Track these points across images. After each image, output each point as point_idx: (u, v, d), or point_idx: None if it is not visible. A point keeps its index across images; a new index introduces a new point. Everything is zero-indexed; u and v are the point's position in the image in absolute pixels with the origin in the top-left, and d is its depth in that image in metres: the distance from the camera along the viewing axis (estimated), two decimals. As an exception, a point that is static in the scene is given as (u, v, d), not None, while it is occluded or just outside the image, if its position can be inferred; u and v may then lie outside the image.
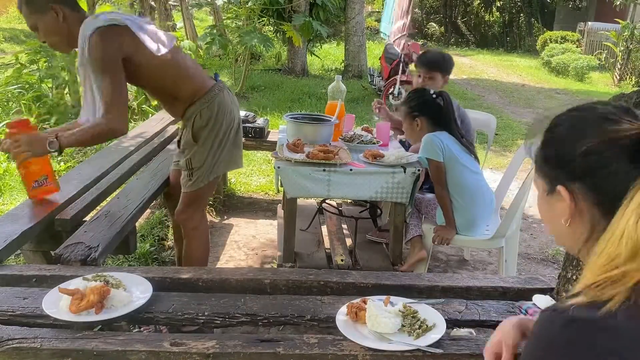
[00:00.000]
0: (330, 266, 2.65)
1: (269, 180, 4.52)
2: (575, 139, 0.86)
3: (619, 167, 0.81)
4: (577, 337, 0.73)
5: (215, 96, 2.25)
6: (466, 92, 9.92)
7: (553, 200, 0.91)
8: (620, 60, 12.16)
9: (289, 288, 1.68)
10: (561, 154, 0.88)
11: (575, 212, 0.88)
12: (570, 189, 0.87)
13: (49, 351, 1.28)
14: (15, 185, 3.86)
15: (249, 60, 8.11)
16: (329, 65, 11.78)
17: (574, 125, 0.89)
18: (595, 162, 0.83)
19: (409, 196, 2.49)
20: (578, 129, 0.87)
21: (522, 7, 19.96)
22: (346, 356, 1.28)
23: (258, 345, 1.30)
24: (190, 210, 2.36)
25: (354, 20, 10.15)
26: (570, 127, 0.89)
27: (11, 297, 1.52)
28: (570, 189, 0.87)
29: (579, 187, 0.86)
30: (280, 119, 6.09)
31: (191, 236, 2.41)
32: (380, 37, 17.50)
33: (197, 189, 2.32)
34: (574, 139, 0.86)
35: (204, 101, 2.23)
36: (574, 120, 0.90)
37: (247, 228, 3.66)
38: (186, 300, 1.54)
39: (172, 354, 1.28)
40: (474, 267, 3.28)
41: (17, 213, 2.09)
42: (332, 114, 2.83)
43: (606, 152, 0.82)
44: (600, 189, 0.84)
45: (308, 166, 2.41)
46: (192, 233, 2.40)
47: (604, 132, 0.83)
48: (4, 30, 13.05)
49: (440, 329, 1.36)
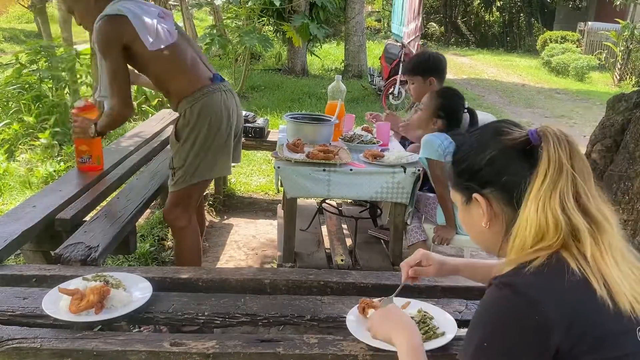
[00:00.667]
0: (330, 266, 2.65)
1: (269, 180, 4.52)
2: (479, 152, 1.04)
3: (517, 167, 0.99)
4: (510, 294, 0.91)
5: (203, 96, 2.24)
6: (466, 92, 9.92)
7: (471, 208, 1.08)
8: (620, 60, 12.16)
9: (289, 288, 1.68)
10: (470, 167, 1.05)
11: (491, 214, 1.04)
12: (484, 194, 1.03)
13: (49, 351, 1.28)
14: (15, 185, 3.86)
15: (249, 60, 8.11)
16: (329, 65, 11.79)
17: (477, 141, 1.06)
18: (499, 167, 1.01)
19: (409, 196, 2.49)
20: (480, 144, 1.05)
21: (522, 7, 19.95)
22: (346, 356, 1.28)
23: (258, 345, 1.30)
24: (177, 210, 2.34)
25: (354, 20, 10.16)
26: (473, 143, 1.07)
27: (11, 297, 1.52)
28: (483, 194, 1.03)
29: (490, 191, 1.03)
30: (280, 119, 6.09)
31: (179, 236, 2.41)
32: (380, 37, 17.51)
33: (181, 189, 2.31)
34: (478, 152, 1.04)
35: (190, 100, 2.24)
36: (475, 138, 1.08)
37: (247, 228, 3.66)
38: (186, 300, 1.54)
39: (172, 354, 1.28)
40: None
41: (17, 213, 2.09)
42: (332, 114, 2.83)
43: (505, 157, 1.01)
44: (507, 189, 1.00)
45: (308, 166, 2.41)
46: (180, 233, 2.39)
47: (500, 142, 1.01)
48: (4, 30, 13.06)
49: (447, 337, 1.33)
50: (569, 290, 0.89)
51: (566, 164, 0.94)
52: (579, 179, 0.95)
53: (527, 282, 0.91)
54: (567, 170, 0.94)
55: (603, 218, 0.95)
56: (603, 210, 0.96)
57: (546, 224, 0.93)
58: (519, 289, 0.91)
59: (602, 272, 0.91)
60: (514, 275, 0.94)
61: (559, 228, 0.93)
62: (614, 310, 0.89)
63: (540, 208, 0.93)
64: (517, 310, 0.90)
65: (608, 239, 0.94)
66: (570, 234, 0.93)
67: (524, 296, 0.90)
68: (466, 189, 1.07)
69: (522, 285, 0.91)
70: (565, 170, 0.94)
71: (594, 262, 0.92)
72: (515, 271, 0.94)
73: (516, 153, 1.00)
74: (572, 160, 0.95)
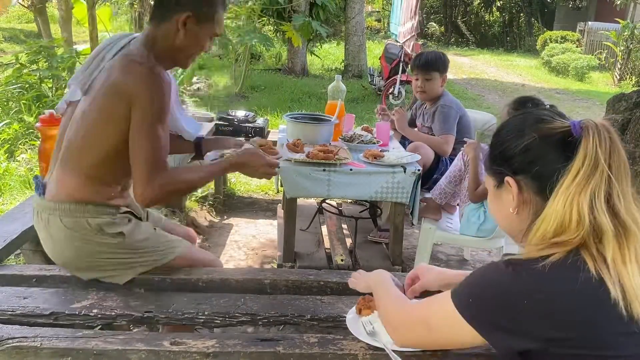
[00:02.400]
0: (330, 266, 2.65)
1: (269, 180, 4.52)
2: (516, 137, 1.02)
3: (553, 158, 0.97)
4: (512, 272, 0.93)
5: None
6: (466, 91, 9.92)
7: (502, 193, 1.07)
8: (620, 60, 12.17)
9: (289, 288, 1.68)
10: (505, 152, 1.03)
11: (520, 201, 1.02)
12: (516, 180, 1.02)
13: (49, 350, 1.28)
14: (15, 185, 3.86)
15: (249, 60, 8.11)
16: (329, 65, 11.78)
17: (516, 126, 1.05)
18: (534, 155, 0.99)
19: (409, 196, 2.49)
20: (519, 130, 1.03)
21: (522, 6, 19.96)
22: (346, 355, 1.28)
23: (258, 345, 1.30)
24: None
25: (354, 20, 10.16)
26: (512, 129, 1.05)
27: (11, 296, 1.52)
28: (515, 180, 1.02)
29: (523, 178, 1.01)
30: (280, 119, 6.09)
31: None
32: (380, 37, 17.52)
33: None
34: (515, 137, 1.02)
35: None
36: (514, 123, 1.06)
37: (247, 228, 3.66)
38: (186, 300, 1.54)
39: (172, 352, 1.28)
40: (474, 267, 3.28)
41: (17, 213, 2.09)
42: (332, 114, 2.83)
43: (542, 146, 0.98)
44: (540, 178, 0.98)
45: (308, 166, 2.41)
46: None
47: (539, 130, 0.99)
48: (4, 30, 13.05)
49: None
50: (578, 288, 0.88)
51: (602, 162, 0.92)
52: (613, 179, 0.92)
53: (533, 271, 0.91)
54: (602, 169, 0.92)
55: (633, 222, 0.93)
56: (635, 214, 0.94)
57: (570, 219, 0.92)
58: (521, 273, 0.92)
59: (620, 277, 0.89)
60: (526, 262, 0.94)
61: (581, 225, 0.91)
62: (626, 315, 0.87)
63: (568, 202, 0.92)
64: (507, 286, 0.93)
65: (635, 245, 0.92)
66: (592, 234, 0.92)
67: (521, 279, 0.92)
68: (499, 172, 1.06)
69: (527, 271, 0.92)
70: (601, 168, 0.92)
71: (614, 266, 0.90)
72: (528, 260, 0.94)
73: (554, 143, 0.97)
74: (610, 158, 0.92)
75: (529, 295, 0.90)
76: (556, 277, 0.90)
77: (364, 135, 2.89)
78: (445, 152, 3.00)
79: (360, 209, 3.32)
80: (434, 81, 3.04)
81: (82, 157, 1.58)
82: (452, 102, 3.08)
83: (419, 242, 2.77)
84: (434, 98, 3.12)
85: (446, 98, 3.09)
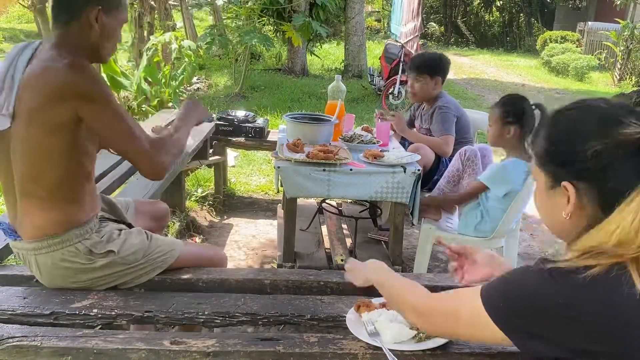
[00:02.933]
0: (330, 266, 2.65)
1: (269, 180, 4.52)
2: (581, 139, 0.89)
3: (626, 170, 0.86)
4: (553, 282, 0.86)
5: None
6: (466, 91, 9.92)
7: (555, 194, 0.96)
8: (620, 60, 12.16)
9: (289, 288, 1.68)
10: (567, 153, 0.92)
11: (576, 207, 0.92)
12: (576, 186, 0.91)
13: (49, 349, 1.28)
14: (15, 185, 3.86)
15: (249, 60, 8.12)
16: (329, 65, 11.78)
17: (579, 124, 0.92)
18: (604, 164, 0.87)
19: (409, 196, 2.49)
20: (584, 129, 0.90)
21: (522, 6, 19.95)
22: (346, 355, 1.29)
23: (258, 344, 1.31)
24: None
25: (354, 20, 10.15)
26: (574, 126, 0.93)
27: (11, 296, 1.52)
28: (575, 186, 0.91)
29: (584, 185, 0.90)
30: (280, 119, 6.09)
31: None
32: (380, 37, 17.52)
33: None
34: (580, 139, 0.90)
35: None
36: (576, 118, 0.94)
37: (247, 228, 3.66)
38: (186, 300, 1.54)
39: (172, 352, 1.28)
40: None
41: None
42: (332, 114, 2.83)
43: (614, 154, 0.86)
44: (606, 188, 0.88)
45: (308, 166, 2.41)
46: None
47: (609, 134, 0.86)
48: (4, 30, 13.04)
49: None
50: (622, 302, 0.83)
51: None
52: None
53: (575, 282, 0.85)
54: None
55: None
56: None
57: (635, 236, 0.84)
58: (562, 283, 0.86)
59: None
60: (567, 272, 0.87)
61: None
62: None
63: (637, 220, 0.84)
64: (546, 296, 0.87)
65: None
66: None
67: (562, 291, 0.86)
68: (556, 173, 0.95)
69: (568, 281, 0.86)
70: None
71: None
72: (570, 269, 0.87)
73: (629, 152, 0.86)
74: None
75: (570, 307, 0.85)
76: (599, 290, 0.84)
77: (364, 135, 2.89)
78: (446, 152, 3.01)
79: (360, 209, 3.32)
80: (424, 83, 3.04)
81: (43, 182, 1.49)
82: (449, 103, 3.08)
83: (419, 242, 2.77)
84: (428, 99, 3.13)
85: (444, 99, 3.09)
